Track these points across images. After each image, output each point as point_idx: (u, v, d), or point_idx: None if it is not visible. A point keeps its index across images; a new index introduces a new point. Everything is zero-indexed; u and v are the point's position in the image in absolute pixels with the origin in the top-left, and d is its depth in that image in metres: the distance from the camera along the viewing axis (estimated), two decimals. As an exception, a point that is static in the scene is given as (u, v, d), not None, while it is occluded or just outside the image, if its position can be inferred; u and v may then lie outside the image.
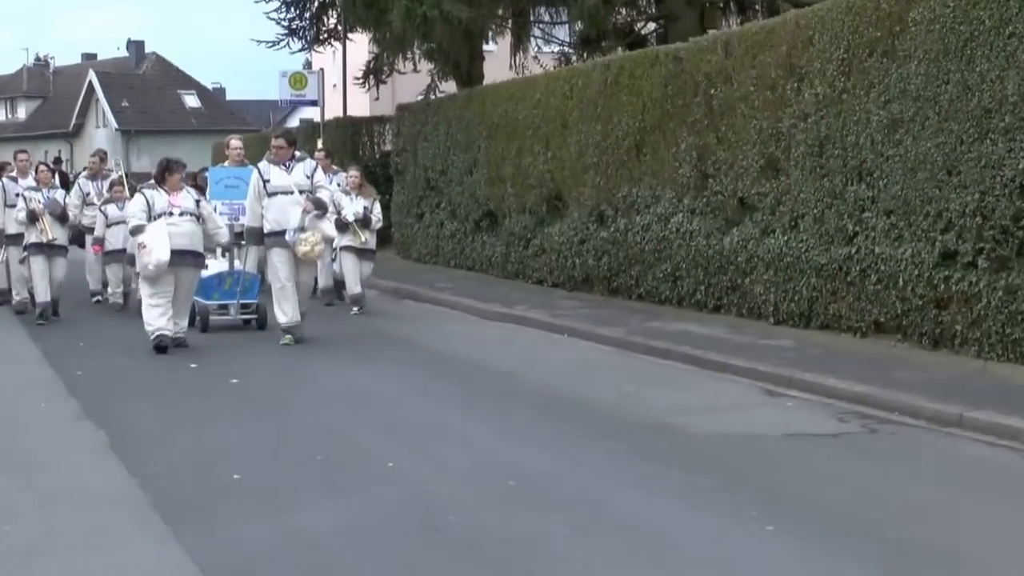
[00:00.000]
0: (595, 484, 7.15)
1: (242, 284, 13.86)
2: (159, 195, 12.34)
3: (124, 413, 9.37)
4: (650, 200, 14.98)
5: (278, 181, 12.64)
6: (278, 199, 12.58)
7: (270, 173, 12.71)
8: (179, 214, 12.25)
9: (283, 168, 12.69)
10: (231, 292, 13.89)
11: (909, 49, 10.82)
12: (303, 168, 12.80)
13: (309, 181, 12.68)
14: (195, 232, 12.40)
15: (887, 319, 11.24)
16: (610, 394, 9.99)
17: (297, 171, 12.73)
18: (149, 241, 11.92)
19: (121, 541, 6.20)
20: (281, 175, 12.67)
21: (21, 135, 59.38)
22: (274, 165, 12.75)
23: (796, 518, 6.39)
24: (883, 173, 11.18)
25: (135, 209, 12.44)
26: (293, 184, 12.60)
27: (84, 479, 7.47)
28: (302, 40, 29.43)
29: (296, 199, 12.49)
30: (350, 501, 6.80)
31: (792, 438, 8.40)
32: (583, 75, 16.74)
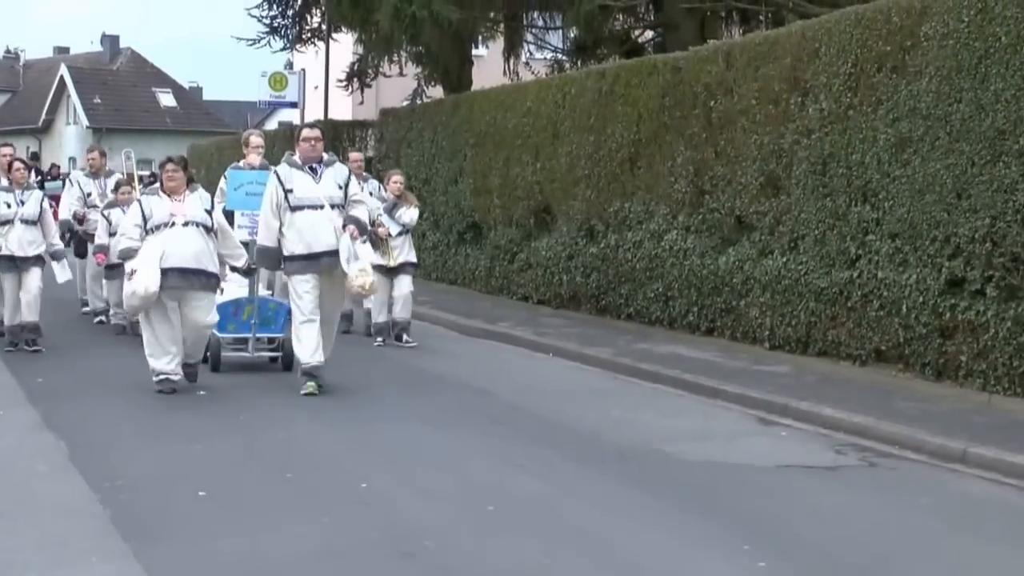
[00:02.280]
0: (577, 512, 7.07)
1: (263, 314, 11.81)
2: (159, 202, 10.41)
3: (86, 423, 9.27)
4: (643, 216, 14.94)
5: (304, 191, 10.40)
6: (304, 215, 10.37)
7: (293, 180, 10.43)
8: (183, 224, 10.30)
9: (310, 174, 10.47)
10: (249, 323, 11.79)
11: (920, 65, 10.80)
12: (334, 176, 10.57)
13: (342, 193, 10.53)
14: (205, 247, 10.39)
15: (889, 347, 11.20)
16: (596, 418, 9.92)
17: (328, 180, 10.51)
18: (135, 266, 10.15)
19: (77, 559, 6.09)
20: (308, 183, 10.42)
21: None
22: (298, 170, 10.50)
23: (789, 555, 6.32)
24: (889, 194, 11.14)
25: (127, 224, 10.62)
26: (324, 196, 10.43)
27: (41, 492, 7.36)
28: (284, 39, 29.44)
29: (328, 216, 10.37)
30: (320, 522, 6.71)
31: (786, 470, 8.33)
32: (576, 83, 16.71)
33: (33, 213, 12.75)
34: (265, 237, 10.64)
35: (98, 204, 14.87)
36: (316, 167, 10.49)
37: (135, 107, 58.07)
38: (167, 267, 10.09)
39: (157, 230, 10.28)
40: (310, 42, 29.85)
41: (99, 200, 14.98)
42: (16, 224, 12.61)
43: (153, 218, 10.32)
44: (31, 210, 12.74)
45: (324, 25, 28.01)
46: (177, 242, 10.22)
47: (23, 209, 12.68)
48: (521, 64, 23.72)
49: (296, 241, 10.38)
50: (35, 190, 13.26)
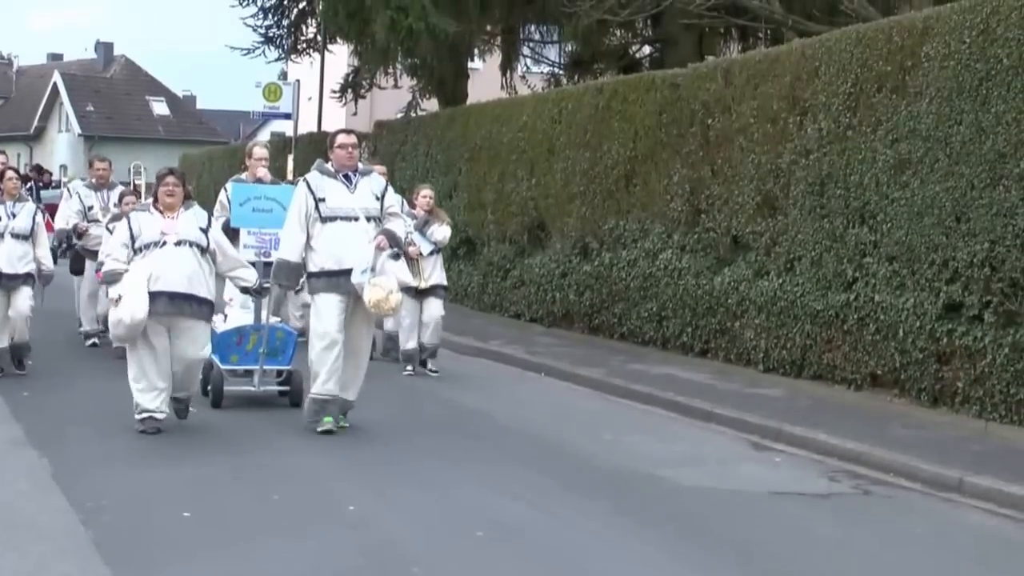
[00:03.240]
0: (567, 537, 7.02)
1: (271, 343, 10.64)
2: (149, 219, 9.48)
3: (71, 440, 9.21)
4: (638, 234, 14.91)
5: (338, 201, 9.55)
6: (336, 227, 9.51)
7: (325, 189, 9.59)
8: (175, 244, 9.34)
9: (344, 183, 9.67)
10: (255, 354, 10.63)
11: (921, 86, 10.79)
12: (370, 185, 9.72)
13: (378, 205, 9.71)
14: (199, 270, 9.41)
15: (885, 372, 11.16)
16: (587, 440, 9.87)
17: (363, 190, 9.66)
18: (122, 291, 9.18)
19: (54, 582, 6.03)
20: (342, 193, 9.60)
21: (-22, 136, 59.14)
22: (331, 178, 9.66)
23: (782, 585, 6.28)
24: (887, 216, 11.12)
25: (113, 244, 9.60)
26: (359, 207, 9.62)
27: (21, 511, 7.28)
28: (279, 49, 29.48)
29: (363, 228, 9.52)
30: (307, 546, 6.65)
31: (779, 497, 8.28)
32: (573, 98, 16.70)
33: (25, 227, 11.96)
34: (287, 250, 9.64)
35: (100, 219, 13.93)
36: (351, 176, 9.66)
37: (128, 115, 58.18)
38: (155, 291, 9.14)
39: (146, 250, 9.31)
40: (305, 53, 29.88)
41: (101, 214, 14.06)
42: (6, 239, 11.82)
43: (142, 236, 9.35)
44: (23, 224, 11.95)
45: (319, 36, 28.01)
46: (167, 264, 9.24)
47: (14, 223, 11.89)
48: (518, 78, 23.72)
49: (325, 255, 9.48)
50: (27, 203, 12.35)
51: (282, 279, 9.81)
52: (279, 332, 10.80)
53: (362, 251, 9.39)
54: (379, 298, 9.26)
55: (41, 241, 12.14)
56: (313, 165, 9.91)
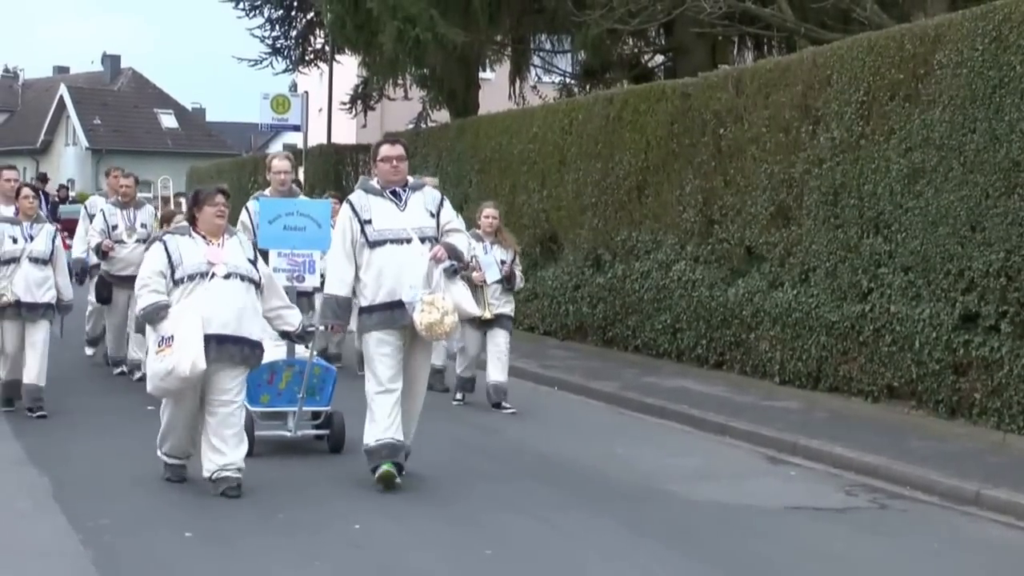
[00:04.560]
0: (578, 554, 7.01)
1: (307, 382, 9.39)
2: (191, 245, 8.11)
3: (72, 459, 9.21)
4: (651, 246, 14.90)
5: (387, 221, 8.35)
6: (386, 252, 8.31)
7: (371, 209, 8.39)
8: (224, 276, 8.03)
9: (393, 201, 8.48)
10: (290, 393, 9.48)
11: (933, 94, 10.77)
12: (424, 201, 8.54)
13: (435, 222, 8.53)
14: (251, 307, 8.15)
15: (901, 384, 11.13)
16: (600, 455, 9.87)
17: (415, 207, 8.48)
18: (173, 331, 7.78)
19: (55, 603, 6.05)
20: (390, 211, 8.40)
21: (-15, 150, 59.40)
22: (377, 197, 8.47)
23: (795, 602, 6.26)
24: (902, 226, 11.10)
25: (147, 272, 8.11)
26: (412, 227, 8.42)
27: (20, 531, 7.32)
28: (287, 60, 29.59)
29: (418, 252, 8.32)
30: (312, 567, 6.65)
31: (794, 511, 8.26)
32: (584, 109, 16.71)
33: (44, 251, 10.92)
34: (334, 284, 8.44)
35: (125, 239, 13.01)
36: (400, 192, 8.51)
37: (136, 128, 58.34)
38: (205, 333, 7.87)
39: (189, 282, 7.98)
40: (313, 64, 29.98)
41: (126, 235, 13.06)
42: (23, 263, 10.77)
43: (184, 265, 8.00)
44: (42, 247, 10.91)
45: (327, 47, 28.10)
46: (215, 300, 7.95)
47: (32, 245, 10.86)
48: (528, 88, 23.75)
49: (374, 287, 8.31)
50: (46, 224, 11.26)
51: (331, 317, 8.54)
52: (316, 368, 9.53)
53: (420, 279, 8.24)
54: (432, 320, 8.09)
55: (61, 266, 11.17)
56: (358, 183, 8.85)
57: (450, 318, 8.18)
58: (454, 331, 8.44)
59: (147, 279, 8.09)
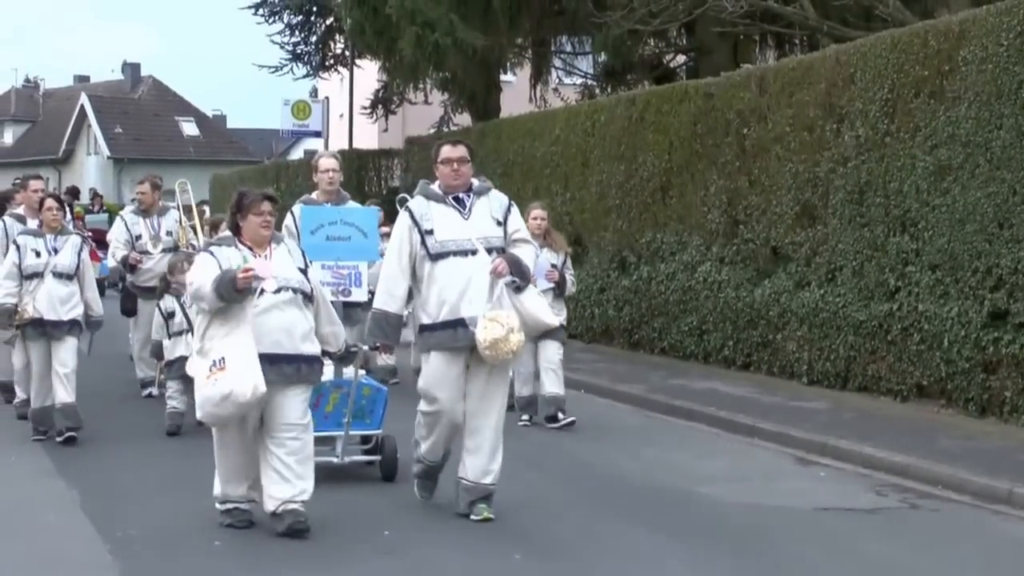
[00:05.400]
0: (608, 558, 7.01)
1: (356, 404, 8.74)
2: (237, 258, 7.30)
3: (99, 470, 9.25)
4: (676, 247, 14.90)
5: (449, 232, 7.61)
6: (450, 265, 7.57)
7: (433, 218, 7.66)
8: (275, 291, 7.26)
9: (456, 208, 7.72)
10: (337, 416, 8.73)
11: (959, 90, 10.75)
12: (490, 208, 7.78)
13: (502, 231, 7.75)
14: (305, 322, 7.41)
15: (930, 383, 11.10)
16: (628, 458, 9.87)
17: (481, 214, 7.73)
18: (224, 353, 7.08)
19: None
20: (454, 221, 7.65)
21: (7, 161, 59.71)
22: (439, 204, 7.73)
23: (827, 604, 6.26)
24: (928, 224, 11.07)
25: (201, 285, 7.21)
26: (477, 237, 7.63)
27: (49, 542, 7.36)
28: (307, 66, 29.69)
29: (485, 264, 7.54)
30: (340, 574, 6.67)
31: (824, 512, 8.24)
32: (606, 110, 16.72)
33: (69, 265, 10.30)
34: (385, 299, 7.68)
35: (150, 249, 12.40)
36: (463, 198, 7.73)
37: (157, 136, 58.52)
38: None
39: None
40: (333, 69, 30.09)
41: (151, 244, 12.44)
42: (47, 278, 10.16)
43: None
44: (66, 261, 10.30)
45: (347, 52, 28.18)
46: (267, 317, 7.21)
47: (56, 259, 10.25)
48: (549, 90, 23.77)
49: (436, 303, 7.57)
50: (72, 236, 10.59)
51: (379, 336, 7.81)
52: (366, 388, 8.85)
53: (481, 292, 7.52)
54: (496, 337, 7.33)
55: (88, 281, 10.53)
56: (417, 189, 8.01)
57: (516, 336, 7.40)
58: (521, 351, 7.60)
59: (200, 292, 7.23)
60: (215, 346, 7.12)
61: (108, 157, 57.02)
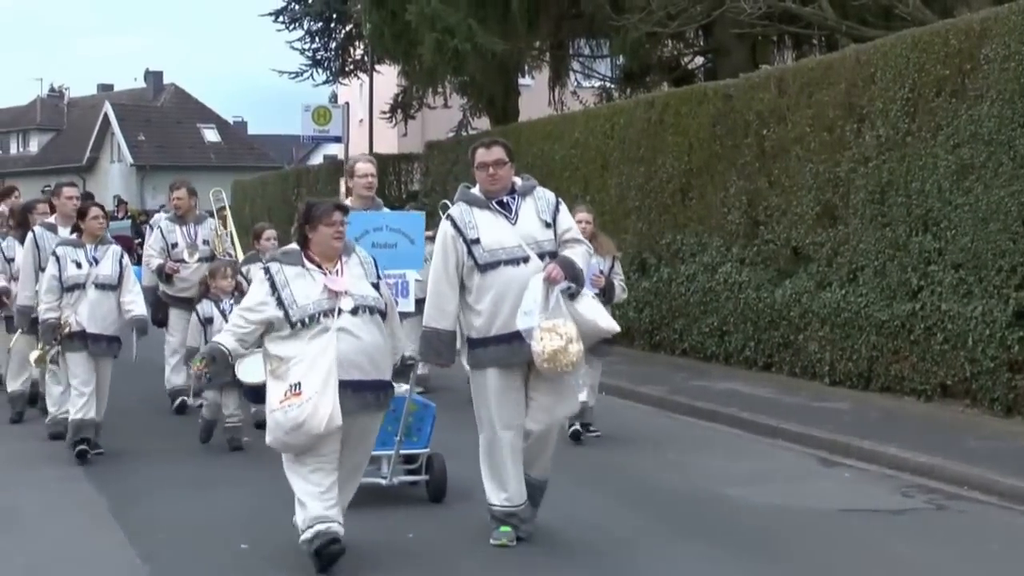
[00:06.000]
0: (632, 560, 6.95)
1: (404, 422, 8.12)
2: (302, 276, 6.65)
3: (127, 474, 9.23)
4: (696, 248, 14.80)
5: (498, 239, 7.03)
6: (500, 275, 6.99)
7: (477, 225, 7.07)
8: (351, 311, 6.59)
9: (502, 213, 7.12)
10: (384, 435, 7.72)
11: (981, 89, 10.62)
12: (537, 208, 7.18)
13: (552, 233, 7.15)
14: (382, 344, 6.75)
15: (955, 382, 10.98)
16: (650, 460, 9.79)
17: (528, 216, 7.14)
18: (302, 378, 6.41)
19: (114, 619, 6.04)
20: (500, 226, 7.08)
21: (32, 169, 60.12)
22: (482, 209, 7.13)
23: (857, 606, 6.16)
24: (951, 223, 10.95)
25: (245, 305, 6.77)
26: (527, 242, 7.05)
27: (79, 546, 7.37)
28: (327, 71, 29.72)
29: (537, 269, 6.96)
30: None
31: (850, 514, 8.13)
32: (625, 113, 16.63)
33: (111, 275, 9.78)
34: (436, 315, 7.09)
35: (186, 258, 11.93)
36: (508, 201, 7.13)
37: (179, 143, 58.77)
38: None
39: (313, 325, 6.52)
40: (353, 74, 30.09)
41: (187, 253, 11.95)
42: (89, 290, 9.67)
43: (299, 306, 6.55)
44: (108, 271, 9.78)
45: (367, 57, 28.18)
46: (347, 341, 6.53)
47: (97, 270, 9.73)
48: (568, 93, 23.70)
49: (488, 317, 6.99)
50: (111, 245, 10.01)
51: (432, 356, 7.24)
52: (411, 405, 8.23)
53: (535, 301, 6.90)
54: (555, 348, 6.77)
55: (129, 286, 9.97)
56: (456, 195, 7.36)
57: (575, 346, 6.83)
58: (580, 362, 7.00)
59: (239, 314, 6.73)
60: (292, 369, 6.42)
61: (131, 164, 57.25)
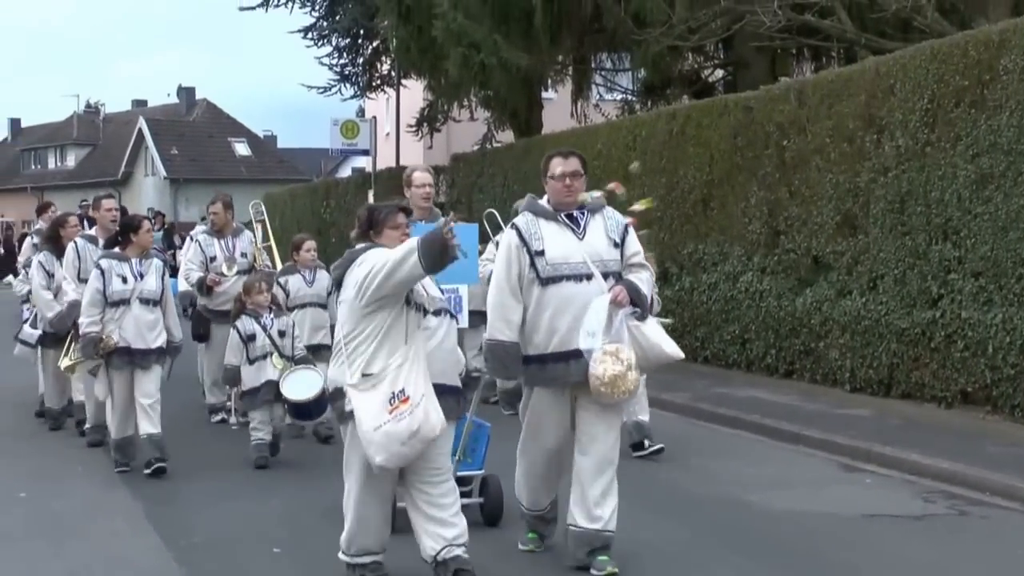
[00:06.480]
0: (656, 565, 6.92)
1: (464, 443, 7.64)
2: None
3: (163, 479, 9.23)
4: (717, 257, 14.74)
5: (563, 253, 6.65)
6: (562, 290, 6.60)
7: (544, 237, 6.69)
8: (434, 312, 6.41)
9: (570, 226, 6.73)
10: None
11: (1000, 99, 10.54)
12: (606, 227, 6.78)
13: (619, 253, 6.78)
14: (455, 348, 6.61)
15: (975, 389, 10.88)
16: (674, 466, 9.73)
17: (596, 233, 6.74)
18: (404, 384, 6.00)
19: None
20: (566, 240, 6.69)
21: (70, 183, 60.47)
22: (548, 221, 6.75)
23: (881, 611, 6.10)
24: (971, 232, 10.86)
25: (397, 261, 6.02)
26: (593, 260, 6.65)
27: (117, 549, 7.39)
28: (355, 86, 29.74)
29: (600, 290, 6.59)
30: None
31: (872, 519, 8.06)
32: (647, 125, 16.59)
33: (155, 290, 9.51)
34: (500, 327, 6.66)
35: (225, 271, 11.61)
36: (577, 216, 6.77)
37: (211, 157, 59.00)
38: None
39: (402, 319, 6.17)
40: (380, 89, 30.11)
41: (226, 267, 11.64)
42: (133, 305, 9.38)
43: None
44: (152, 286, 9.50)
45: (393, 72, 28.20)
46: (434, 343, 6.35)
47: (142, 284, 9.44)
48: (591, 106, 23.65)
49: (546, 333, 6.61)
50: (154, 259, 9.70)
51: (499, 370, 6.82)
52: (467, 423, 7.65)
53: (599, 322, 6.53)
54: (615, 373, 6.43)
55: (170, 307, 9.79)
56: (522, 203, 7.02)
57: (634, 374, 6.50)
58: (635, 391, 6.70)
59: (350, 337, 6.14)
60: (390, 376, 5.99)
61: (165, 177, 57.51)
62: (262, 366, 9.89)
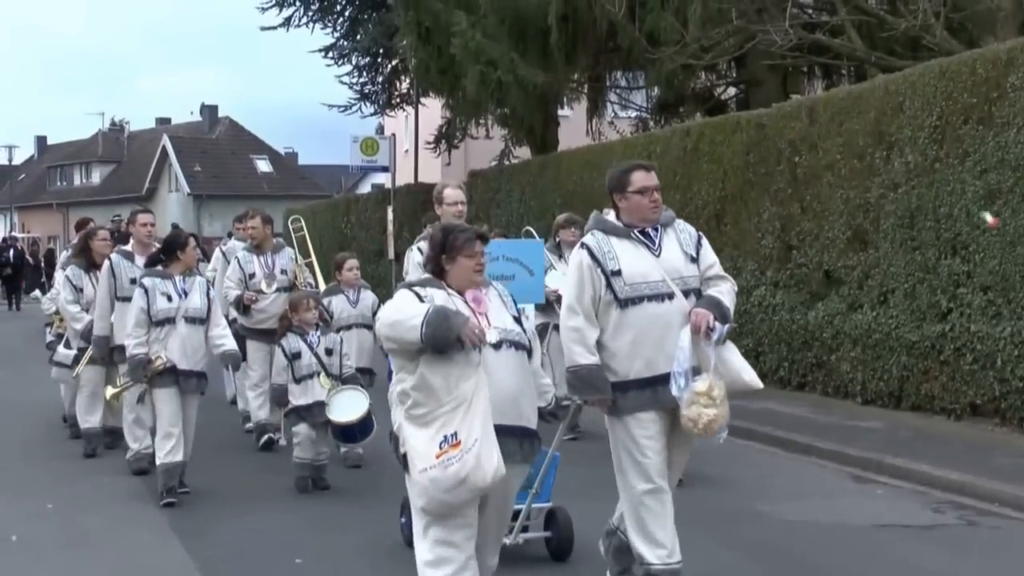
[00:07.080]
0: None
1: (545, 474, 7.13)
2: (450, 301, 5.38)
3: (187, 492, 9.21)
4: (731, 272, 14.50)
5: (640, 271, 6.09)
6: (644, 312, 6.05)
7: (618, 255, 6.12)
8: (495, 346, 5.35)
9: (645, 243, 6.16)
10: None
11: (1007, 116, 10.55)
12: (680, 241, 6.27)
13: (695, 268, 6.24)
14: (525, 384, 5.50)
15: (984, 401, 10.87)
16: (688, 476, 9.59)
17: (672, 249, 6.20)
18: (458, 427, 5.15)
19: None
20: (643, 258, 6.13)
21: (95, 199, 60.64)
22: (621, 239, 6.17)
23: (891, 620, 6.10)
24: (979, 247, 10.86)
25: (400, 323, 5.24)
26: (672, 277, 6.11)
27: (142, 560, 7.42)
28: (374, 104, 29.86)
29: (681, 310, 6.05)
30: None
31: (882, 529, 8.06)
32: (661, 142, 16.62)
33: (200, 308, 9.02)
34: (581, 351, 6.08)
35: (264, 289, 11.08)
36: (650, 231, 6.19)
37: (233, 174, 59.12)
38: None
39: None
40: (399, 107, 30.21)
41: (265, 284, 11.09)
42: (179, 324, 8.91)
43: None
44: (198, 304, 9.02)
45: (412, 90, 28.29)
46: (492, 380, 5.26)
47: (187, 303, 8.96)
48: (606, 123, 23.69)
49: (628, 357, 6.07)
50: (197, 276, 9.27)
51: (591, 392, 6.13)
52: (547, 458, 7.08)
53: (684, 350, 5.96)
54: (711, 418, 5.94)
55: (217, 319, 9.25)
56: (589, 222, 6.37)
57: (725, 408, 6.00)
58: (725, 421, 6.09)
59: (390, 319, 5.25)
60: (442, 416, 5.19)
61: (188, 194, 57.69)
62: (307, 385, 9.32)
